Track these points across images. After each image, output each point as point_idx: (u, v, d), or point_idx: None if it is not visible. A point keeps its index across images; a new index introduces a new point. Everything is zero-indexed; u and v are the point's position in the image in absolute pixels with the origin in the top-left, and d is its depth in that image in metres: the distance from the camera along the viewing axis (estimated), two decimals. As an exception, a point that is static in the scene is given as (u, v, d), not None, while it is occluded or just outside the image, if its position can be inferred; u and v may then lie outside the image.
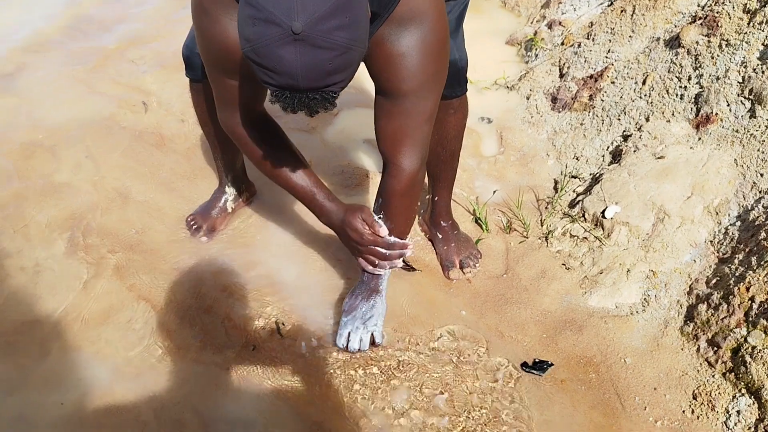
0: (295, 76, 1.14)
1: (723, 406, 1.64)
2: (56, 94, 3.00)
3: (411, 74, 1.43)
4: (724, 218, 1.99)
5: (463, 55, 1.80)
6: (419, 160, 1.59)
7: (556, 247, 2.17)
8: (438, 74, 1.49)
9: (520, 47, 3.45)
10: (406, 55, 1.40)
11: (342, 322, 1.82)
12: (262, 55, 1.13)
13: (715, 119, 2.20)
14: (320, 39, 1.10)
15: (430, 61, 1.44)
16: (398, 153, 1.57)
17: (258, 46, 1.12)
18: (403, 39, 1.39)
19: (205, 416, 1.67)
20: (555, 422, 1.66)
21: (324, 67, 1.14)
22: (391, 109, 1.51)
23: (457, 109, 1.89)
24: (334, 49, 1.12)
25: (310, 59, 1.12)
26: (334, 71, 1.16)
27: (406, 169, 1.59)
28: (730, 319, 1.74)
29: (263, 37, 1.11)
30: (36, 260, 2.10)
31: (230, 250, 2.15)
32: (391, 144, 1.57)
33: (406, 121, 1.52)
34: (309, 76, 1.14)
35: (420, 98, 1.49)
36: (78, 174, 2.49)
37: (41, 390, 1.72)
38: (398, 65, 1.42)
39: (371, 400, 1.70)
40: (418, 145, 1.57)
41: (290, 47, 1.10)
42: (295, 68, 1.13)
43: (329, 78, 1.16)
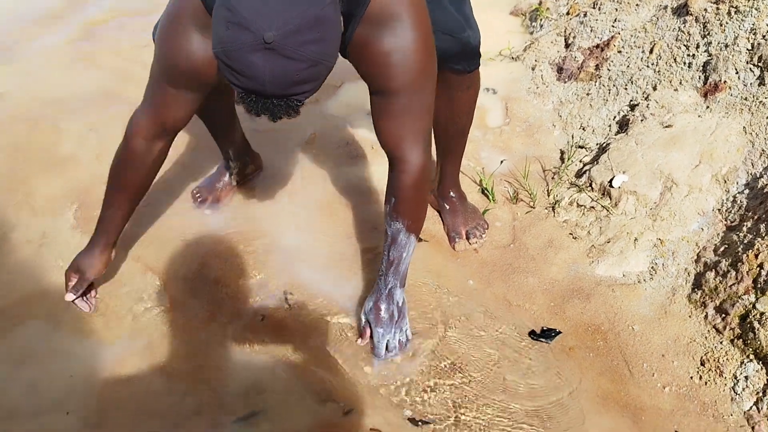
0: (262, 81, 1.16)
1: (731, 372, 1.65)
2: (57, 68, 2.98)
3: (399, 72, 1.42)
4: (732, 186, 1.98)
5: (474, 32, 1.75)
6: (424, 152, 1.58)
7: (563, 217, 2.17)
8: (426, 67, 1.47)
9: (524, 17, 3.42)
10: (391, 54, 1.40)
11: (376, 333, 1.72)
12: (233, 59, 1.15)
13: (724, 87, 2.18)
14: (290, 50, 1.13)
15: (416, 58, 1.42)
16: (403, 149, 1.56)
17: (229, 49, 1.14)
18: (385, 37, 1.38)
19: (216, 385, 1.67)
20: (563, 388, 1.67)
21: (291, 77, 1.16)
22: (387, 108, 1.50)
23: (470, 86, 1.87)
24: (303, 61, 1.15)
25: (279, 68, 1.14)
26: (301, 82, 1.18)
27: (413, 163, 1.57)
28: (738, 286, 1.74)
29: (235, 41, 1.13)
30: (42, 233, 2.10)
31: (236, 222, 2.15)
32: (394, 142, 1.56)
33: (404, 118, 1.51)
34: (276, 84, 1.16)
35: (413, 93, 1.48)
36: (81, 147, 2.48)
37: (51, 362, 1.73)
38: (385, 64, 1.42)
39: (381, 370, 1.71)
40: (420, 139, 1.56)
41: (260, 54, 1.12)
42: (263, 74, 1.15)
43: (295, 87, 1.19)
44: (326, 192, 2.29)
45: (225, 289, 1.92)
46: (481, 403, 1.64)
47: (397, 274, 1.70)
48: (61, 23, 3.39)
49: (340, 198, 2.27)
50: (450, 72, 1.75)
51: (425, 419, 1.60)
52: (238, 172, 2.26)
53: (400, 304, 1.73)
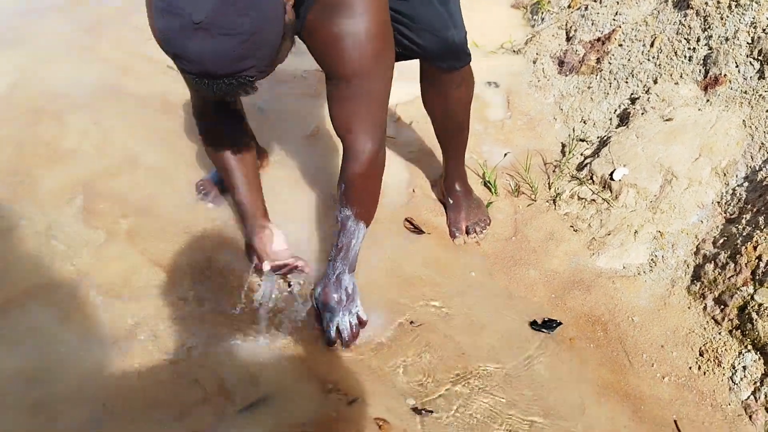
0: (202, 63, 1.15)
1: (729, 362, 1.67)
2: (61, 61, 2.99)
3: (349, 57, 1.41)
4: (731, 179, 2.00)
5: (458, 30, 1.72)
6: (375, 142, 1.56)
7: (564, 210, 2.19)
8: (379, 54, 1.45)
9: (526, 10, 3.43)
10: (341, 39, 1.39)
11: (324, 318, 1.75)
12: (171, 45, 1.15)
13: (724, 80, 2.20)
14: (221, 27, 1.12)
15: (368, 43, 1.41)
16: (352, 137, 1.55)
17: (167, 36, 1.15)
18: (336, 22, 1.38)
19: (221, 376, 1.70)
20: (564, 379, 1.70)
21: (229, 53, 1.15)
22: (339, 94, 1.50)
23: (460, 84, 1.86)
24: (236, 35, 1.13)
25: (215, 47, 1.13)
26: (242, 57, 1.16)
27: (361, 152, 1.56)
28: (737, 277, 1.76)
29: (169, 28, 1.13)
30: (48, 225, 2.11)
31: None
32: (344, 128, 1.55)
33: (355, 105, 1.50)
34: (217, 63, 1.16)
35: (364, 80, 1.46)
36: (85, 140, 2.49)
37: (57, 353, 1.75)
38: (335, 49, 1.41)
39: (385, 360, 1.73)
40: (371, 128, 1.54)
41: (194, 36, 1.12)
42: (201, 56, 1.14)
43: (239, 64, 1.17)
44: (329, 184, 2.30)
45: (229, 280, 1.94)
46: (483, 392, 1.66)
47: (345, 260, 1.70)
48: (64, 16, 3.40)
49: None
50: (437, 70, 1.76)
51: (428, 408, 1.63)
52: (243, 165, 2.28)
53: (349, 289, 1.73)
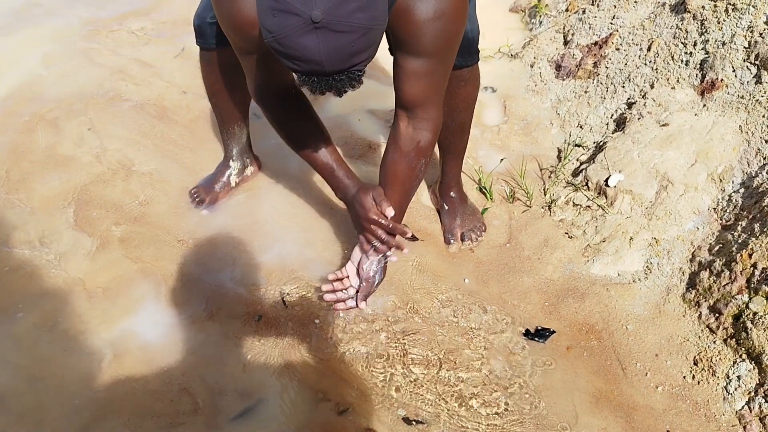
0: (320, 62, 1.16)
1: (723, 372, 1.66)
2: (57, 67, 2.99)
3: (436, 38, 1.47)
4: (727, 185, 1.99)
5: (474, 26, 1.80)
6: (441, 111, 1.67)
7: (559, 216, 2.17)
8: (459, 35, 1.55)
9: (524, 14, 3.41)
10: (431, 20, 1.44)
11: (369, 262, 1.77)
12: (285, 45, 1.15)
13: (721, 85, 2.18)
14: (340, 24, 1.12)
15: (453, 24, 1.48)
16: (426, 108, 1.63)
17: (280, 36, 1.14)
18: (424, 5, 1.41)
19: (212, 385, 1.69)
20: (557, 388, 1.68)
21: (347, 50, 1.16)
22: (417, 69, 1.55)
23: (468, 81, 1.88)
24: (354, 31, 1.14)
25: (333, 44, 1.14)
26: (358, 52, 1.18)
27: (434, 119, 1.65)
28: (732, 285, 1.74)
29: (284, 27, 1.13)
30: (42, 233, 2.11)
31: (234, 222, 2.16)
32: (417, 100, 1.61)
33: (432, 79, 1.58)
34: (333, 61, 1.16)
35: (443, 58, 1.55)
36: (81, 146, 2.49)
37: (48, 361, 1.74)
38: (424, 30, 1.45)
39: (376, 367, 1.72)
40: (440, 100, 1.65)
41: (312, 35, 1.12)
42: (319, 55, 1.14)
43: (354, 59, 1.18)
44: (324, 192, 2.29)
45: (222, 289, 1.94)
46: (475, 402, 1.65)
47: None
48: (60, 21, 3.40)
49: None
50: None
51: (419, 419, 1.62)
52: (238, 172, 2.27)
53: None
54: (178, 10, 3.42)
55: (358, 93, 2.81)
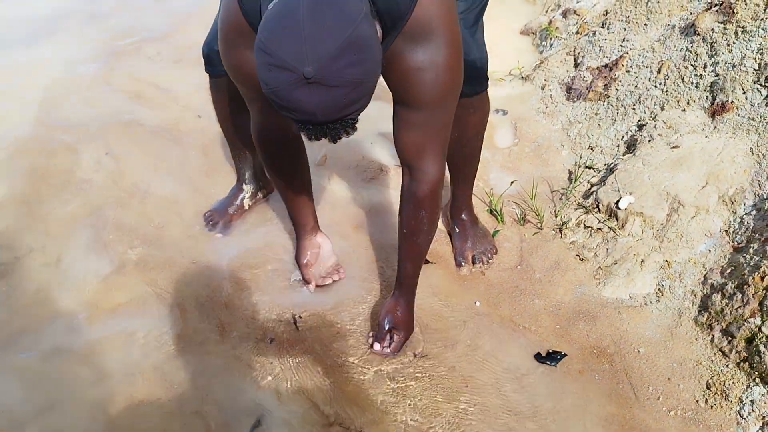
0: (313, 113, 1.18)
1: (737, 396, 1.65)
2: (76, 92, 3.05)
3: (428, 88, 1.46)
4: (739, 207, 1.98)
5: (483, 54, 1.80)
6: (442, 166, 1.63)
7: (570, 238, 2.18)
8: (454, 85, 1.52)
9: (534, 36, 3.44)
10: (423, 70, 1.42)
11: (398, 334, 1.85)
12: (281, 98, 1.18)
13: (731, 107, 2.18)
14: (332, 79, 1.14)
15: (447, 75, 1.46)
16: (422, 160, 1.60)
17: (275, 89, 1.17)
18: (418, 54, 1.40)
19: (225, 407, 1.70)
20: (568, 412, 1.68)
21: (340, 102, 1.18)
22: (411, 120, 1.54)
23: (477, 108, 1.89)
24: (346, 86, 1.16)
25: (325, 98, 1.16)
26: (351, 103, 1.20)
27: (430, 175, 1.62)
28: (744, 308, 1.74)
29: (279, 81, 1.16)
30: (58, 256, 2.15)
31: (247, 245, 2.19)
32: (414, 153, 1.60)
33: (426, 131, 1.56)
34: (326, 112, 1.19)
35: (438, 109, 1.52)
36: (98, 170, 2.54)
37: (63, 384, 1.77)
38: (415, 79, 1.44)
39: (386, 392, 1.73)
40: (439, 151, 1.61)
41: (305, 89, 1.15)
42: (313, 107, 1.17)
43: (346, 110, 1.21)
44: (336, 214, 2.32)
45: (235, 311, 1.96)
46: (486, 425, 1.65)
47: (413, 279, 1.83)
48: (78, 46, 3.47)
49: (350, 220, 2.30)
50: None
51: (430, 442, 1.62)
52: (251, 195, 2.31)
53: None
54: (194, 35, 3.47)
55: (369, 116, 2.85)
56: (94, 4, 4.01)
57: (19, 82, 3.16)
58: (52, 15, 3.88)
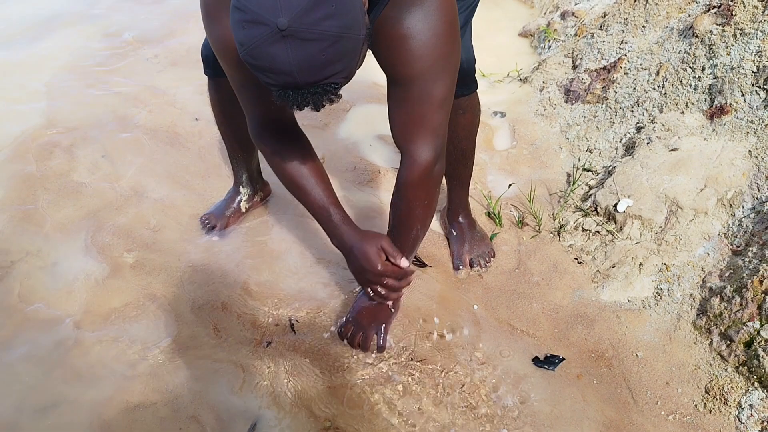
0: (290, 72, 1.14)
1: (735, 400, 1.64)
2: (72, 94, 3.05)
3: (416, 57, 1.38)
4: (738, 210, 1.97)
5: (469, 57, 1.77)
6: (434, 149, 1.52)
7: (569, 242, 2.17)
8: (447, 57, 1.42)
9: (533, 39, 3.44)
10: (411, 37, 1.35)
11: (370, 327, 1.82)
12: (256, 56, 1.14)
13: (730, 110, 2.18)
14: (307, 32, 1.10)
15: (437, 43, 1.38)
16: (411, 142, 1.51)
17: (250, 47, 1.13)
18: (407, 20, 1.34)
19: (220, 411, 1.69)
20: (566, 417, 1.67)
21: (317, 59, 1.13)
22: (401, 96, 1.46)
23: (466, 110, 1.87)
24: (324, 39, 1.11)
25: (302, 53, 1.12)
26: (329, 62, 1.14)
27: (419, 159, 1.51)
28: (743, 312, 1.73)
29: (253, 38, 1.12)
30: (55, 259, 2.15)
31: (244, 249, 2.18)
32: (403, 133, 1.52)
33: (417, 108, 1.46)
34: (304, 71, 1.14)
35: (429, 82, 1.42)
36: (95, 173, 2.53)
37: (58, 388, 1.76)
38: (403, 48, 1.37)
39: (383, 396, 1.72)
40: (431, 134, 1.50)
41: (280, 44, 1.11)
42: (289, 64, 1.13)
43: (326, 69, 1.15)
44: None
45: (231, 315, 1.95)
46: (483, 430, 1.64)
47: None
48: (75, 49, 3.47)
49: (346, 223, 2.29)
50: None
51: (427, 447, 1.61)
52: (248, 198, 2.30)
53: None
54: (192, 38, 3.48)
55: (368, 118, 2.85)
56: (91, 6, 4.01)
57: (15, 85, 3.15)
58: (49, 16, 3.87)
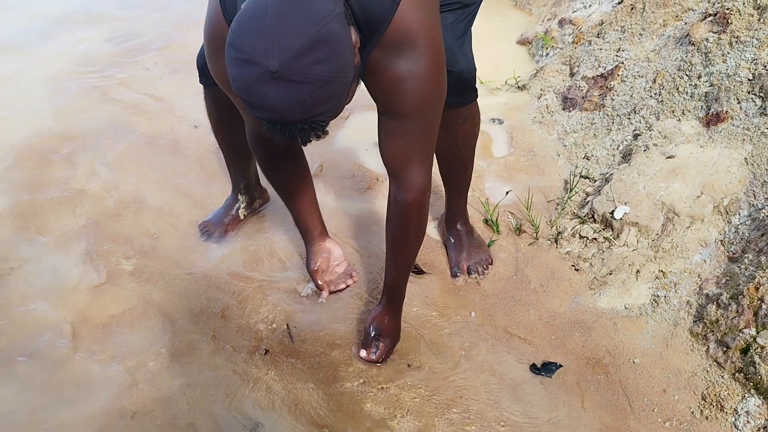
0: (279, 111, 1.18)
1: (732, 407, 1.64)
2: (71, 102, 3.06)
3: (409, 98, 1.44)
4: (734, 217, 1.98)
5: (470, 65, 1.79)
6: (427, 175, 1.62)
7: (566, 249, 2.17)
8: (437, 96, 1.50)
9: (531, 46, 3.45)
10: (403, 80, 1.41)
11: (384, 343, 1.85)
12: (247, 93, 1.18)
13: (726, 117, 2.19)
14: (297, 75, 1.14)
15: (427, 84, 1.44)
16: (407, 170, 1.59)
17: (242, 84, 1.17)
18: (399, 64, 1.39)
19: (218, 419, 1.70)
20: (563, 423, 1.67)
21: (306, 101, 1.17)
22: (395, 130, 1.53)
23: (466, 119, 1.88)
24: (314, 83, 1.15)
25: (291, 95, 1.16)
26: (317, 103, 1.18)
27: (414, 184, 1.60)
28: (739, 319, 1.73)
29: (245, 76, 1.16)
30: (53, 266, 2.15)
31: (242, 256, 2.18)
32: (398, 162, 1.59)
33: (410, 140, 1.54)
34: (293, 111, 1.18)
35: (421, 118, 1.51)
36: (94, 181, 2.54)
37: (56, 398, 1.76)
38: (396, 90, 1.43)
39: (380, 404, 1.72)
40: (423, 162, 1.60)
41: (271, 85, 1.14)
42: (278, 104, 1.17)
43: (314, 109, 1.19)
44: (332, 224, 2.31)
45: (230, 322, 1.95)
46: (481, 438, 1.64)
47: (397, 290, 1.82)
48: (74, 57, 3.48)
49: (345, 230, 2.30)
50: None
51: (424, 455, 1.61)
52: (246, 205, 2.30)
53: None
54: (191, 46, 3.49)
55: (366, 126, 2.85)
56: (91, 13, 4.02)
57: (15, 93, 3.17)
58: (48, 23, 3.89)
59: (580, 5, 3.32)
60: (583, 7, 3.29)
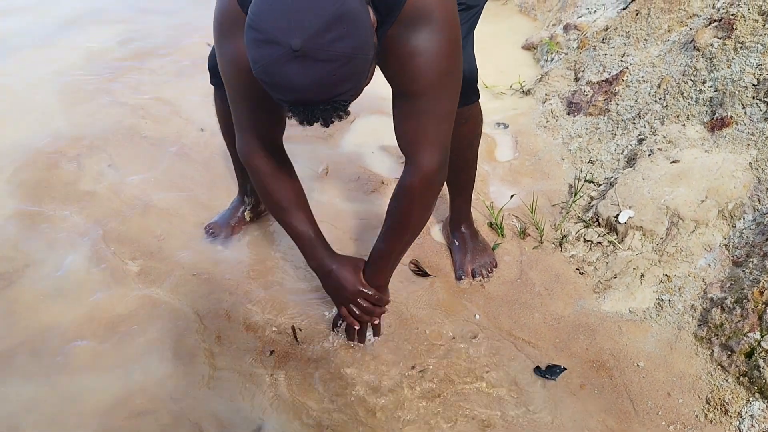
0: (303, 90, 1.17)
1: (736, 411, 1.64)
2: (79, 104, 3.08)
3: (422, 74, 1.43)
4: (738, 222, 1.98)
5: (472, 67, 1.80)
6: (439, 159, 1.57)
7: (570, 252, 2.18)
8: (451, 73, 1.48)
9: (536, 51, 3.46)
10: (417, 55, 1.40)
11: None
12: (270, 74, 1.17)
13: (731, 122, 2.19)
14: (320, 52, 1.14)
15: (442, 60, 1.43)
16: (416, 152, 1.56)
17: (264, 65, 1.17)
18: (413, 39, 1.38)
19: (223, 419, 1.70)
20: (567, 427, 1.67)
21: (329, 78, 1.17)
22: (407, 109, 1.51)
23: (468, 119, 1.89)
24: (336, 60, 1.15)
25: (314, 73, 1.15)
26: (340, 81, 1.18)
27: (423, 166, 1.56)
28: (743, 323, 1.73)
29: (268, 57, 1.15)
30: (60, 268, 2.16)
31: (248, 257, 2.20)
32: (409, 143, 1.57)
33: (422, 121, 1.52)
34: (316, 89, 1.18)
35: (435, 97, 1.49)
36: (101, 183, 2.56)
37: (61, 398, 1.77)
38: (409, 65, 1.42)
39: (384, 405, 1.72)
40: (436, 144, 1.56)
41: (293, 64, 1.14)
42: (301, 83, 1.16)
43: (337, 88, 1.19)
44: (337, 227, 2.33)
45: (235, 323, 1.96)
46: (485, 440, 1.64)
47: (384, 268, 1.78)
48: (82, 59, 3.50)
49: (350, 232, 2.31)
50: None
51: (428, 456, 1.61)
52: (252, 207, 2.32)
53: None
54: (198, 49, 3.52)
55: (372, 129, 2.87)
56: (99, 16, 4.05)
57: (23, 95, 3.19)
58: (57, 26, 3.92)
59: (585, 11, 3.33)
60: (588, 13, 3.30)
